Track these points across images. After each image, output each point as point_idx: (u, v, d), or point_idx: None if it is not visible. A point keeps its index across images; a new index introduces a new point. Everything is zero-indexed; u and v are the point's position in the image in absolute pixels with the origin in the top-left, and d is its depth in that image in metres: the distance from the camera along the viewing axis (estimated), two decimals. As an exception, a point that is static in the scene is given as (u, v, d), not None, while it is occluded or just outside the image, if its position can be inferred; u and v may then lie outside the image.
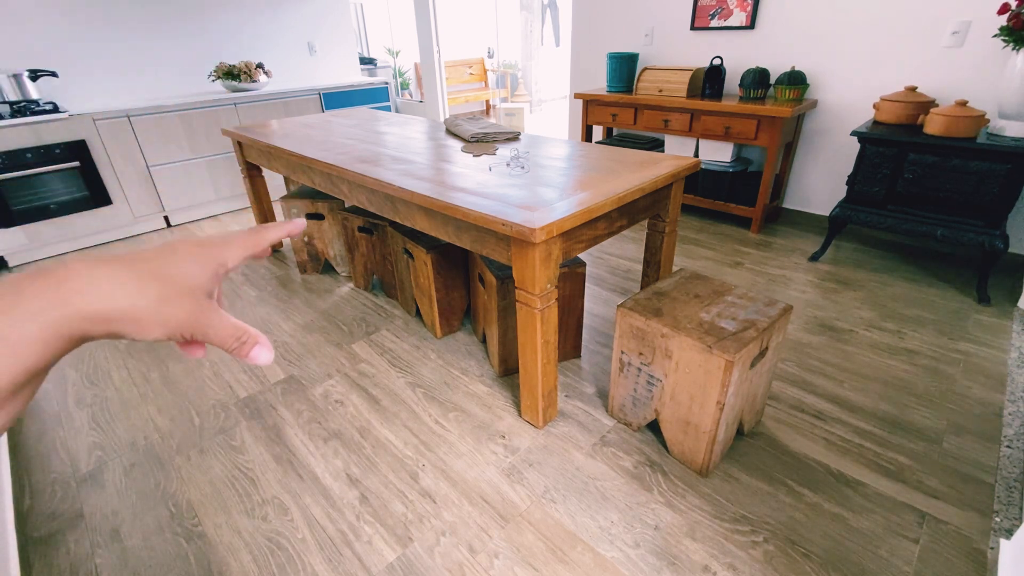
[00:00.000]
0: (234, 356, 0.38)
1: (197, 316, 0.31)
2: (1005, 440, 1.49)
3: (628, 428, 1.61)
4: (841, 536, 1.26)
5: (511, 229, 1.27)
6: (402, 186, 1.57)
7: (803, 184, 3.03)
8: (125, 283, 0.29)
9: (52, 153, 2.87)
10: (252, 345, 0.32)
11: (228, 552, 1.29)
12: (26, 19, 3.04)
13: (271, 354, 0.33)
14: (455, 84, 7.27)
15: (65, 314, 0.27)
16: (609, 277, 2.56)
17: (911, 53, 2.45)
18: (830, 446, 1.51)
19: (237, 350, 0.32)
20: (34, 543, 1.34)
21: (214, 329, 0.31)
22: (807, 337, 2.01)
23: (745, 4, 2.86)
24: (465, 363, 1.95)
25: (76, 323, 0.27)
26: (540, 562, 1.23)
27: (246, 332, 0.32)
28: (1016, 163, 1.98)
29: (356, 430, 1.65)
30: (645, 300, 1.46)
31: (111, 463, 1.58)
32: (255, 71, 3.64)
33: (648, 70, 3.13)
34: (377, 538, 1.30)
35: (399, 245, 2.10)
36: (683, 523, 1.31)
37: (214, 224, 3.53)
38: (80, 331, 0.27)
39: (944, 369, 1.81)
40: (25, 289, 0.26)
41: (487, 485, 1.44)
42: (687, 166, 1.68)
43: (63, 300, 0.27)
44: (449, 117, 2.50)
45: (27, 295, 0.26)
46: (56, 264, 0.28)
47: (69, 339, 0.27)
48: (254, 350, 0.32)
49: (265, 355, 0.33)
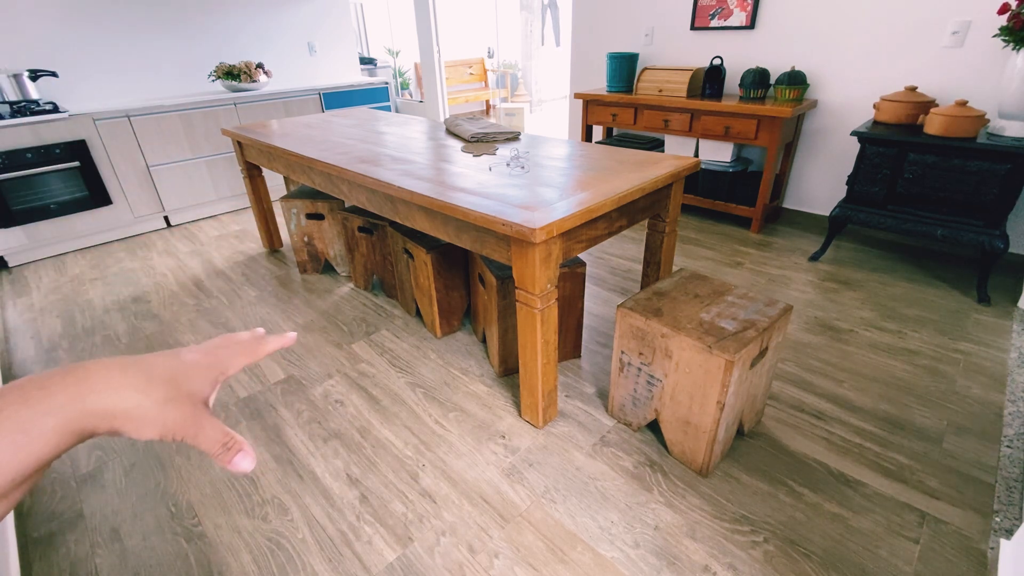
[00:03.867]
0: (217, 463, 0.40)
1: (192, 420, 0.33)
2: (1005, 440, 1.49)
3: (628, 428, 1.61)
4: (841, 536, 1.26)
5: (511, 229, 1.27)
6: (402, 186, 1.57)
7: (803, 184, 3.03)
8: (137, 385, 0.31)
9: (52, 153, 2.87)
10: (235, 452, 0.34)
11: (228, 552, 1.29)
12: (26, 19, 3.04)
13: (253, 463, 0.35)
14: (455, 84, 7.27)
15: (80, 410, 0.29)
16: (609, 277, 2.56)
17: (911, 53, 2.45)
18: (830, 446, 1.51)
19: (221, 456, 0.34)
20: (34, 543, 1.34)
21: (204, 434, 0.33)
22: (807, 337, 2.01)
23: (745, 4, 2.86)
24: (465, 363, 1.95)
25: (87, 419, 0.29)
26: (540, 562, 1.23)
27: (232, 439, 0.34)
28: (1016, 163, 1.98)
29: (356, 430, 1.65)
30: (645, 300, 1.46)
31: (111, 463, 1.58)
32: (255, 71, 3.64)
33: (648, 70, 3.13)
34: (377, 538, 1.30)
35: (399, 245, 2.10)
36: (683, 523, 1.31)
37: (214, 224, 3.53)
38: (90, 427, 0.29)
39: (944, 369, 1.80)
40: (49, 385, 0.29)
41: (487, 485, 1.44)
42: (687, 166, 1.68)
43: (81, 397, 0.29)
44: (449, 117, 2.50)
45: (51, 391, 0.28)
46: (79, 364, 0.31)
47: (79, 434, 0.29)
48: (236, 457, 0.34)
49: (247, 463, 0.34)
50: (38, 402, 0.28)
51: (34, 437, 0.27)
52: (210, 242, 3.22)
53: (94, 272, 2.87)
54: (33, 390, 0.28)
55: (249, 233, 3.33)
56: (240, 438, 0.35)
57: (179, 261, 2.97)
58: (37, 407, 0.27)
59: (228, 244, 3.17)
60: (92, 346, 2.18)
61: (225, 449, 0.33)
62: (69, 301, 2.56)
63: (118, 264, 2.97)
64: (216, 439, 0.33)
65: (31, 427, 0.27)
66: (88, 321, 2.37)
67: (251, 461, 0.34)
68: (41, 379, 0.29)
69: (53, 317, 2.42)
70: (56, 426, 0.28)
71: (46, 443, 0.27)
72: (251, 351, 0.40)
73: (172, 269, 2.86)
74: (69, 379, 0.29)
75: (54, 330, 2.31)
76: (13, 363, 2.10)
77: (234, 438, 0.34)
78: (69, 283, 2.76)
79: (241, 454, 0.34)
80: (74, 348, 2.17)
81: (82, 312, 2.45)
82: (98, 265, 2.96)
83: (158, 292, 2.61)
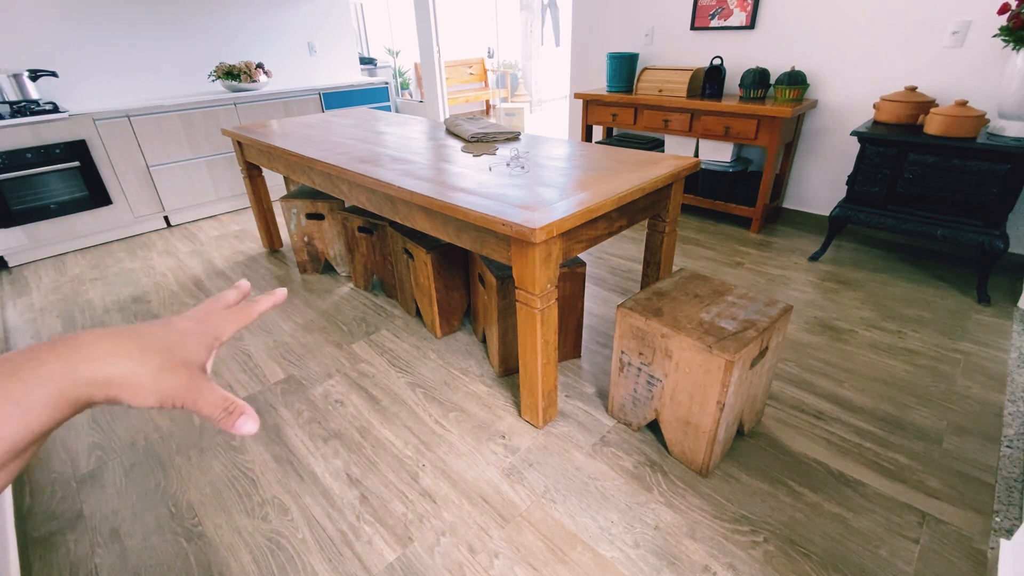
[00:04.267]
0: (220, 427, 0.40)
1: (189, 386, 0.32)
2: (1005, 440, 1.49)
3: (628, 428, 1.61)
4: (841, 536, 1.26)
5: (511, 229, 1.27)
6: (402, 186, 1.57)
7: (803, 184, 3.03)
8: (130, 353, 0.31)
9: (52, 153, 2.87)
10: (238, 415, 0.33)
11: (228, 552, 1.29)
12: (26, 19, 3.04)
13: (256, 425, 0.34)
14: (455, 84, 7.27)
15: (75, 379, 0.28)
16: (609, 277, 2.56)
17: (911, 53, 2.45)
18: (830, 446, 1.51)
19: (223, 420, 0.33)
20: (34, 543, 1.34)
21: (204, 398, 0.33)
22: (807, 337, 2.01)
23: (745, 4, 2.86)
24: (465, 363, 1.95)
25: (82, 388, 0.29)
26: (540, 562, 1.23)
27: (233, 403, 0.34)
28: (1016, 163, 1.98)
29: (356, 430, 1.65)
30: (645, 300, 1.46)
31: (111, 463, 1.58)
32: (255, 71, 3.64)
33: (648, 70, 3.13)
34: (377, 538, 1.30)
35: (399, 245, 2.10)
36: (683, 523, 1.31)
37: (214, 224, 3.53)
38: (86, 396, 0.29)
39: (944, 369, 1.80)
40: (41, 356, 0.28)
41: (487, 485, 1.44)
42: (687, 166, 1.68)
43: (74, 367, 0.29)
44: (449, 117, 2.50)
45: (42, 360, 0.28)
46: (69, 335, 0.30)
47: (75, 404, 0.29)
48: (239, 420, 0.33)
49: (250, 425, 0.34)
50: (30, 371, 0.27)
51: (28, 407, 0.27)
52: (210, 242, 3.22)
53: (94, 272, 2.88)
54: (24, 361, 0.28)
55: (249, 233, 3.33)
56: (241, 402, 0.34)
57: (179, 261, 2.97)
58: (29, 377, 0.27)
59: (228, 244, 3.17)
60: (92, 346, 2.17)
61: (227, 413, 0.33)
62: (69, 301, 2.56)
63: (118, 264, 2.97)
64: (216, 403, 0.33)
65: (25, 397, 0.26)
66: (88, 321, 2.37)
67: (254, 423, 0.34)
68: (32, 350, 0.28)
69: (53, 317, 2.42)
70: (51, 395, 0.27)
71: (40, 413, 0.27)
72: (243, 315, 0.39)
73: (172, 269, 2.86)
74: (60, 348, 0.29)
75: (54, 330, 2.31)
76: (13, 363, 2.10)
77: (235, 402, 0.34)
78: (69, 283, 2.76)
79: (244, 417, 0.33)
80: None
81: (82, 312, 2.45)
82: (98, 265, 2.96)
83: (158, 292, 2.61)
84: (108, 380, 0.29)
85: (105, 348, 0.30)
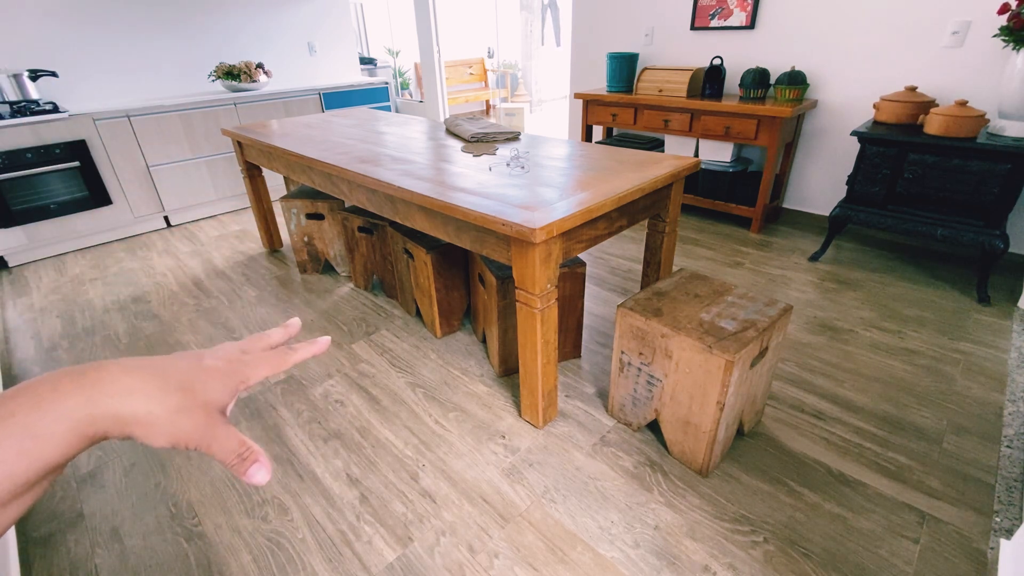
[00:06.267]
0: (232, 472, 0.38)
1: (205, 430, 0.32)
2: (1005, 440, 1.49)
3: (628, 428, 1.61)
4: (841, 536, 1.26)
5: (511, 229, 1.27)
6: (402, 186, 1.57)
7: (803, 184, 3.03)
8: (150, 392, 0.30)
9: (52, 153, 2.87)
10: (251, 463, 0.33)
11: (228, 552, 1.29)
12: (26, 19, 3.04)
13: (268, 475, 0.34)
14: (455, 84, 7.27)
15: (93, 415, 0.28)
16: (609, 277, 2.56)
17: (911, 53, 2.45)
18: (830, 446, 1.51)
19: (236, 467, 0.33)
20: (34, 543, 1.34)
21: (219, 443, 0.32)
22: (807, 337, 2.01)
23: (745, 4, 2.86)
24: (465, 363, 1.95)
25: (99, 423, 0.28)
26: (540, 562, 1.23)
27: (248, 449, 0.33)
28: (1016, 163, 1.98)
29: (356, 430, 1.65)
30: (645, 300, 1.46)
31: (111, 463, 1.58)
32: (255, 71, 3.64)
33: (648, 70, 3.13)
34: (377, 538, 1.30)
35: (399, 245, 2.10)
36: (683, 523, 1.31)
37: (214, 224, 3.53)
38: (102, 431, 0.29)
39: (944, 369, 1.80)
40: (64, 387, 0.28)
41: (487, 485, 1.44)
42: (687, 166, 1.68)
43: (94, 402, 0.28)
44: (449, 117, 2.50)
45: (65, 392, 0.28)
46: (92, 364, 0.30)
47: (91, 438, 0.29)
48: (252, 468, 0.33)
49: (262, 475, 0.33)
50: (51, 405, 0.27)
51: (45, 442, 0.26)
52: (210, 242, 3.22)
53: (94, 272, 2.87)
54: (47, 392, 0.27)
55: (249, 233, 3.33)
56: (257, 448, 0.33)
57: (179, 261, 2.97)
58: (49, 411, 0.27)
59: (228, 244, 3.17)
60: (92, 346, 2.17)
61: (240, 460, 0.33)
62: (69, 301, 2.56)
63: (118, 264, 2.97)
64: (231, 449, 0.32)
65: (43, 431, 0.26)
66: (88, 321, 2.37)
67: (266, 472, 0.33)
68: (55, 379, 0.28)
69: (53, 317, 2.42)
70: (67, 430, 0.27)
71: (56, 447, 0.27)
72: (276, 361, 0.38)
73: (172, 269, 2.86)
74: (82, 380, 0.29)
75: (54, 330, 2.31)
76: (13, 363, 2.10)
77: (250, 448, 0.33)
78: (69, 283, 2.76)
79: (256, 465, 0.33)
80: (74, 348, 2.17)
81: (82, 312, 2.45)
82: (98, 265, 2.96)
83: (158, 292, 2.61)
84: (126, 418, 0.29)
85: (127, 384, 0.30)
